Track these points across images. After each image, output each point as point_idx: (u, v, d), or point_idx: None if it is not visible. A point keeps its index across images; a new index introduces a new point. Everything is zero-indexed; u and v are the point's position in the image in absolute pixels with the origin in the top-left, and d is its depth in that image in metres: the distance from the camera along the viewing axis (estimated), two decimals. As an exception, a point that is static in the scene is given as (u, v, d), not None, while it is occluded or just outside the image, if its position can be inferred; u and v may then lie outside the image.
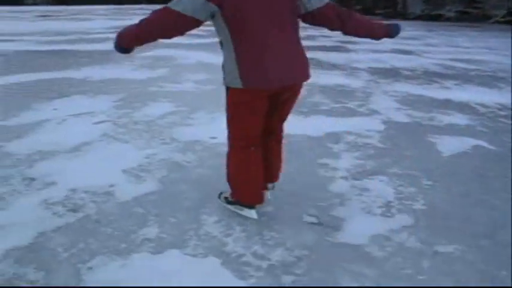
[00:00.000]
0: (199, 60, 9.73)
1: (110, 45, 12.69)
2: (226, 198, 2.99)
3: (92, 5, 58.28)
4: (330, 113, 5.50)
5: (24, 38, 14.94)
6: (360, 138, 4.57)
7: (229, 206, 2.97)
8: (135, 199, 3.12)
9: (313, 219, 2.93)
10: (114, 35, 2.52)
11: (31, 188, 3.25)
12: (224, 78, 2.46)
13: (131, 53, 2.51)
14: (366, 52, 11.70)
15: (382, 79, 7.88)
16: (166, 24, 2.29)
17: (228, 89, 2.50)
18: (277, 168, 2.99)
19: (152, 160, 3.83)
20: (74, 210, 2.94)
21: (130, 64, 8.99)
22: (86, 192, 3.21)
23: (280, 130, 2.91)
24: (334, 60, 10.13)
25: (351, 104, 5.97)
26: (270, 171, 2.91)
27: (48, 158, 3.83)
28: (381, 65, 9.52)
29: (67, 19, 27.80)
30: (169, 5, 2.26)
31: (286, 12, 2.36)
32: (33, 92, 6.35)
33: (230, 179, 2.80)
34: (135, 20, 2.39)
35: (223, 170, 2.87)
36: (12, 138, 4.33)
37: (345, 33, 2.57)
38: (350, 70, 8.77)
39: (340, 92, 6.70)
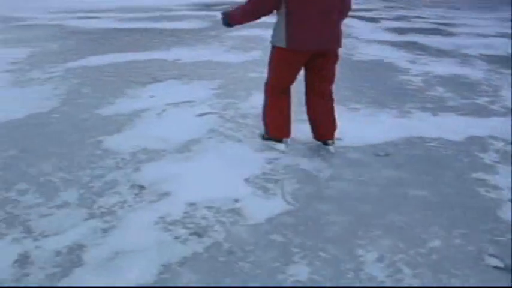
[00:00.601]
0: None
1: (194, 24, 12.44)
2: (262, 136, 3.61)
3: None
4: (460, 110, 4.67)
5: (104, 14, 14.91)
6: (509, 145, 3.74)
7: (265, 142, 3.54)
8: (268, 221, 2.54)
9: (497, 262, 2.22)
10: (196, 13, 1.96)
11: (142, 200, 2.76)
12: (272, 37, 3.15)
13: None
14: (472, 36, 10.45)
15: (504, 69, 6.82)
16: (262, 4, 3.02)
17: (274, 47, 3.18)
18: (328, 126, 3.39)
19: (276, 166, 3.23)
20: (199, 235, 2.40)
21: (220, 45, 8.47)
22: (208, 208, 2.67)
23: (328, 91, 3.34)
24: (440, 45, 9.06)
25: (481, 100, 5.08)
26: (320, 128, 3.40)
27: (156, 159, 3.33)
28: (493, 52, 8.36)
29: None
30: None
31: (333, 4, 3.00)
32: (126, 75, 5.97)
33: (264, 118, 3.44)
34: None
35: (370, 187, 2.21)
36: (112, 131, 3.90)
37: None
38: (461, 57, 7.72)
39: (462, 84, 5.78)
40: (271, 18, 3.57)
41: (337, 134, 3.57)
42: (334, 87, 3.40)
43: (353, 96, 5.05)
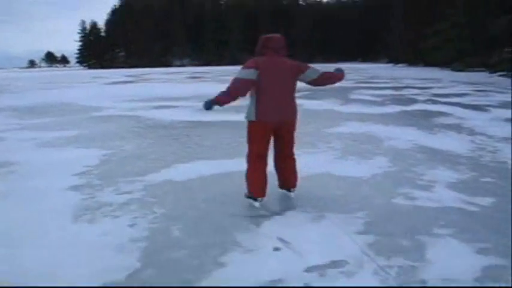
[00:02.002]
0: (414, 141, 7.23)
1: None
2: (245, 194, 4.23)
3: (234, 65, 59.98)
4: None
5: (179, 103, 14.02)
6: None
7: (246, 199, 4.20)
8: None
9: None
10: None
11: None
12: (246, 114, 4.11)
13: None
14: None
15: None
16: (241, 88, 3.97)
17: (248, 122, 4.11)
18: (292, 178, 4.37)
19: None
20: None
21: (328, 147, 6.80)
22: None
23: (291, 153, 4.34)
24: None
25: None
26: (284, 180, 4.38)
27: None
28: None
29: (216, 80, 27.71)
30: (237, 76, 4.00)
31: (290, 80, 4.08)
32: (228, 202, 4.34)
33: (246, 180, 4.19)
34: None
35: None
36: None
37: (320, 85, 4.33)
38: None
39: None
40: None
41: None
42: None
43: None
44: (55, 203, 4.33)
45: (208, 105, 3.97)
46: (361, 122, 9.55)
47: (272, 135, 4.18)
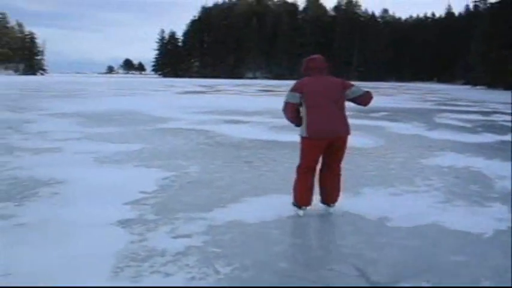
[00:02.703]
0: None
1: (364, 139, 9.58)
2: (292, 202, 4.36)
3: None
4: None
5: (253, 118, 13.08)
6: None
7: (292, 207, 4.35)
8: None
9: None
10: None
11: None
12: (299, 130, 4.26)
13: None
14: None
15: None
16: (287, 111, 4.29)
17: (301, 138, 4.25)
18: (334, 194, 4.39)
19: None
20: None
21: (427, 186, 5.49)
22: None
23: (338, 169, 4.39)
24: None
25: None
26: (327, 195, 4.39)
27: None
28: None
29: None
30: (284, 99, 4.32)
31: (337, 96, 4.19)
32: (314, 261, 3.21)
33: (293, 189, 4.35)
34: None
35: None
36: None
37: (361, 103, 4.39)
38: None
39: None
40: None
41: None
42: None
43: None
44: (93, 247, 3.41)
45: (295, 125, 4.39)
46: (458, 152, 8.09)
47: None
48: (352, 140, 4.68)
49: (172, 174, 5.75)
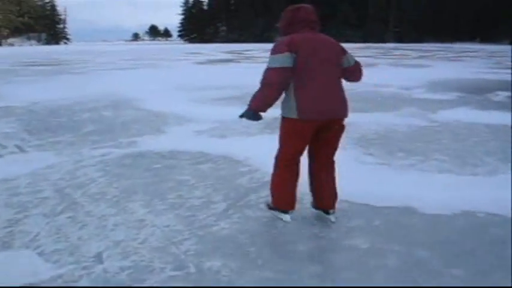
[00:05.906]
0: None
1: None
2: (268, 205, 3.40)
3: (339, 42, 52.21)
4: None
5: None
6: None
7: (270, 211, 3.35)
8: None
9: None
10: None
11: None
12: (283, 109, 3.04)
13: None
14: None
15: None
16: (276, 82, 2.92)
17: (284, 118, 3.04)
18: (330, 195, 3.27)
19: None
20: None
21: None
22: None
23: (332, 162, 3.26)
24: None
25: None
26: (321, 196, 3.27)
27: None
28: None
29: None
30: (268, 66, 2.93)
31: (335, 64, 3.04)
32: None
33: (272, 189, 3.26)
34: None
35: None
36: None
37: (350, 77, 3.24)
38: None
39: None
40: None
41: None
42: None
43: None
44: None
45: (252, 116, 3.11)
46: None
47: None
48: None
49: None
